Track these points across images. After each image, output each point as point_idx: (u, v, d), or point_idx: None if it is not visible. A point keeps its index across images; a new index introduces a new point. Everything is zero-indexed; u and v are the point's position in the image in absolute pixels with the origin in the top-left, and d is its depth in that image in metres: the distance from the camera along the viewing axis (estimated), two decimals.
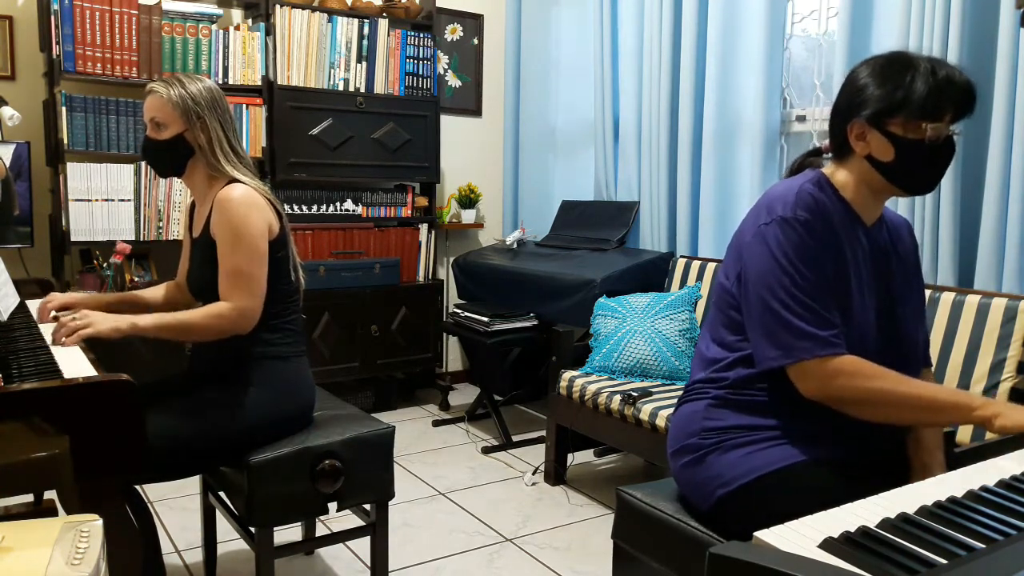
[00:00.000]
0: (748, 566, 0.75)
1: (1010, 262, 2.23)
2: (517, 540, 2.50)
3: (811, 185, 1.39)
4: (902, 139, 1.34)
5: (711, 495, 1.40)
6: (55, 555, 0.89)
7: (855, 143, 1.39)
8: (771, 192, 1.42)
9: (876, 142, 1.37)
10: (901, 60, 1.36)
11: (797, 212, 1.34)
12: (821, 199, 1.37)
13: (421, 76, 3.79)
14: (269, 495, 1.76)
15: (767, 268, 1.35)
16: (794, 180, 1.42)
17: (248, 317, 1.76)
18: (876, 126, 1.36)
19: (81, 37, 2.99)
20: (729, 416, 1.42)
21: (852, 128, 1.39)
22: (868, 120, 1.36)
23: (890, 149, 1.36)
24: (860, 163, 1.40)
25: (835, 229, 1.37)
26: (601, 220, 3.63)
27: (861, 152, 1.39)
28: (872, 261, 1.43)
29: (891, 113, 1.34)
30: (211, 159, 1.83)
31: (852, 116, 1.38)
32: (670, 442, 1.52)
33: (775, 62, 2.94)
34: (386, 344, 3.71)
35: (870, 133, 1.37)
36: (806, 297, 1.31)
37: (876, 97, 1.35)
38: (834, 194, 1.42)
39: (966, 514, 0.93)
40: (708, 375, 1.48)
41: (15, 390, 1.30)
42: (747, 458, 1.37)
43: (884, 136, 1.35)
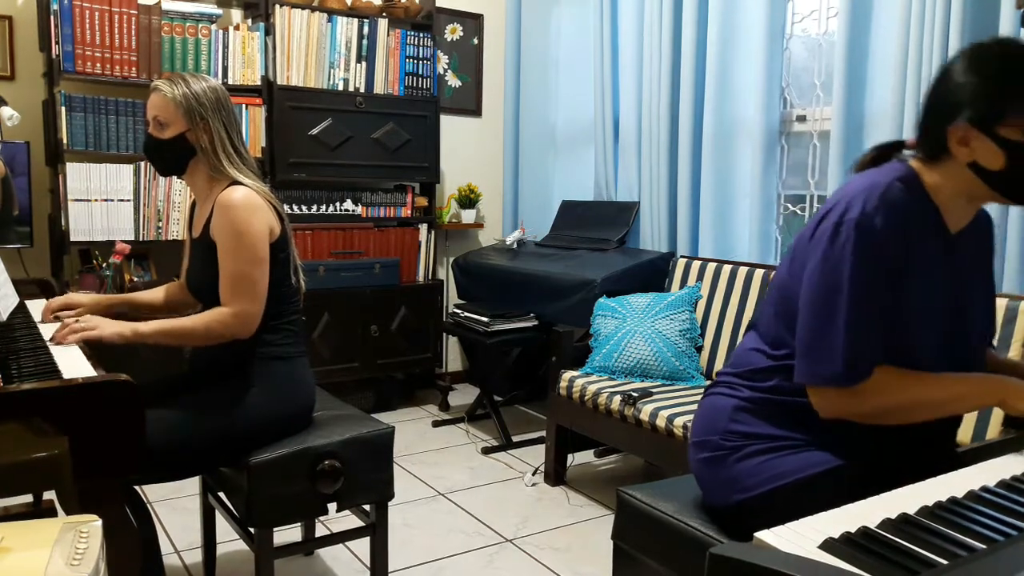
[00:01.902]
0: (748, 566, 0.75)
1: (1010, 262, 2.23)
2: (517, 540, 2.50)
3: (899, 184, 1.26)
4: (1017, 144, 1.19)
5: (729, 497, 1.38)
6: (55, 555, 0.89)
7: (957, 148, 1.24)
8: (853, 185, 1.29)
9: (983, 148, 1.22)
10: (1014, 54, 1.21)
11: (877, 218, 1.21)
12: (907, 203, 1.24)
13: (421, 76, 3.78)
14: (269, 495, 1.76)
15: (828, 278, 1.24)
16: (880, 173, 1.29)
17: (249, 322, 1.76)
18: (984, 130, 1.21)
19: (81, 37, 2.99)
20: (756, 423, 1.38)
21: (954, 132, 1.23)
22: (975, 123, 1.21)
23: (1001, 156, 1.21)
24: (961, 169, 1.26)
25: (913, 243, 1.25)
26: (601, 220, 3.63)
27: (964, 158, 1.24)
28: (951, 272, 1.32)
29: (1002, 116, 1.19)
30: (213, 160, 1.82)
31: (954, 117, 1.23)
32: (694, 430, 1.50)
33: (775, 62, 2.94)
34: (386, 344, 3.71)
35: (976, 138, 1.22)
36: (858, 322, 1.22)
37: (985, 97, 1.20)
38: (923, 195, 1.29)
39: (966, 514, 0.93)
40: (745, 372, 1.42)
41: (15, 390, 1.30)
42: (767, 465, 1.34)
43: (994, 142, 1.20)
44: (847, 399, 1.25)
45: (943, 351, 1.33)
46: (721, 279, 2.89)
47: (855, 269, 1.22)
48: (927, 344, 1.31)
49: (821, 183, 2.98)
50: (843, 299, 1.23)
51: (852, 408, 1.27)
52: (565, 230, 3.77)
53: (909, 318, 1.28)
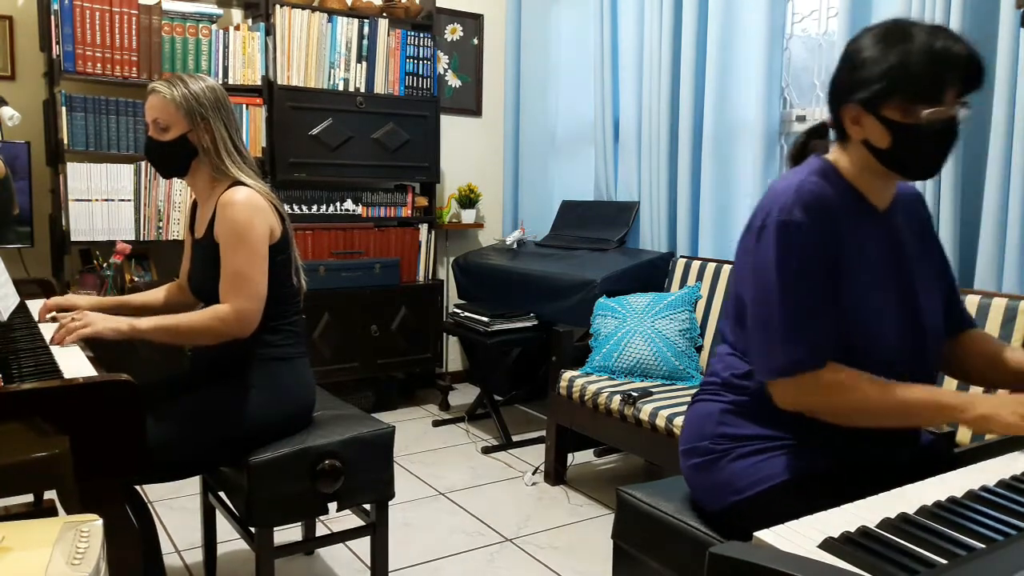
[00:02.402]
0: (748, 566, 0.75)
1: (1010, 262, 2.23)
2: (517, 540, 2.50)
3: (814, 177, 1.31)
4: (898, 124, 1.25)
5: (722, 500, 1.39)
6: (55, 555, 0.89)
7: (850, 127, 1.31)
8: (772, 189, 1.34)
9: (871, 127, 1.28)
10: (897, 34, 1.24)
11: (794, 214, 1.26)
12: (824, 194, 1.29)
13: (421, 76, 3.79)
14: (269, 495, 1.76)
15: (761, 273, 1.29)
16: (796, 174, 1.34)
17: (247, 321, 1.76)
18: (870, 111, 1.26)
19: (81, 37, 2.99)
20: (744, 425, 1.39)
21: (846, 112, 1.30)
22: (862, 104, 1.27)
23: (886, 135, 1.27)
24: (859, 147, 1.32)
25: (840, 228, 1.29)
26: (601, 220, 3.63)
27: (857, 137, 1.31)
28: (888, 249, 1.35)
29: (885, 97, 1.24)
30: (215, 160, 1.82)
31: (846, 99, 1.29)
32: (682, 439, 1.50)
33: (775, 62, 2.94)
34: (386, 344, 3.71)
35: (864, 118, 1.28)
36: (796, 310, 1.25)
37: (869, 79, 1.25)
38: (841, 182, 1.34)
39: (966, 514, 0.93)
40: (726, 378, 1.44)
41: (15, 390, 1.30)
42: (759, 466, 1.35)
43: (879, 121, 1.26)
44: (800, 389, 1.27)
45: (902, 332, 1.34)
46: (721, 279, 2.89)
47: (781, 262, 1.26)
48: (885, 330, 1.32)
49: None
50: (776, 294, 1.27)
51: (806, 398, 1.27)
52: (565, 230, 3.77)
53: (860, 303, 1.30)
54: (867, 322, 1.31)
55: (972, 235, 2.36)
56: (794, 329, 1.25)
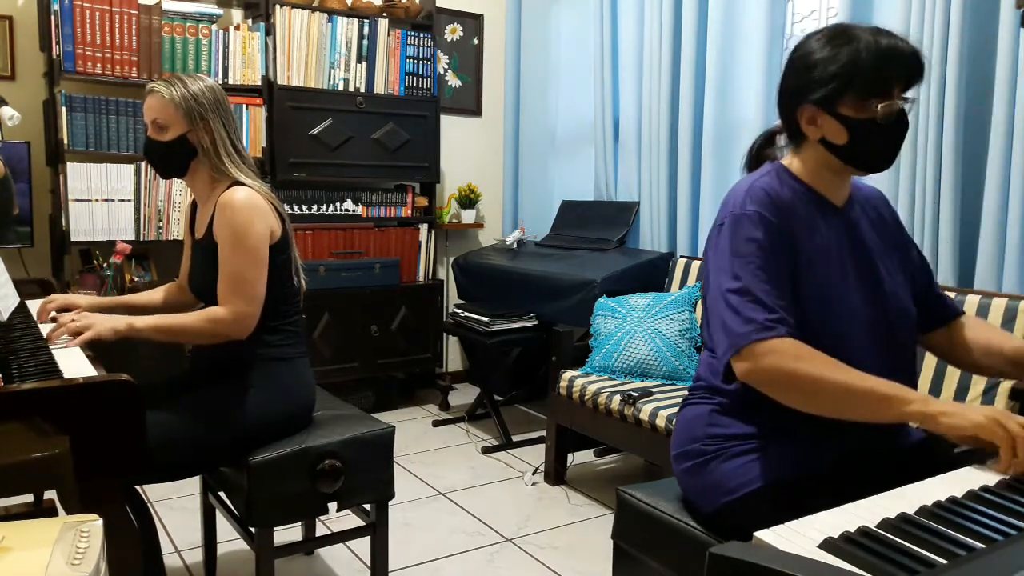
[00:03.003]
0: (748, 566, 0.75)
1: (1010, 262, 2.23)
2: (517, 540, 2.50)
3: (766, 179, 1.37)
4: (854, 120, 1.30)
5: (715, 501, 1.39)
6: (55, 555, 0.89)
7: (807, 128, 1.36)
8: (728, 194, 1.40)
9: (828, 126, 1.33)
10: (843, 35, 1.31)
11: (746, 207, 1.32)
12: (776, 191, 1.34)
13: (421, 76, 3.79)
14: (269, 495, 1.76)
15: (717, 266, 1.33)
16: (747, 179, 1.40)
17: (244, 323, 1.76)
18: (826, 110, 1.32)
19: (81, 37, 2.99)
20: (733, 424, 1.40)
21: (802, 113, 1.35)
22: (817, 104, 1.32)
23: (843, 132, 1.32)
24: (815, 147, 1.37)
25: (793, 218, 1.33)
26: (601, 220, 3.63)
27: (814, 137, 1.35)
28: (848, 242, 1.39)
29: (839, 94, 1.29)
30: (214, 160, 1.82)
31: (801, 101, 1.34)
32: (673, 444, 1.51)
33: (775, 62, 2.94)
34: (386, 344, 3.71)
35: (821, 117, 1.33)
36: (752, 287, 1.27)
37: (821, 79, 1.30)
38: (795, 182, 1.39)
39: (966, 514, 0.93)
40: (711, 383, 1.45)
41: (15, 390, 1.30)
42: (751, 466, 1.35)
43: (836, 119, 1.31)
44: (759, 352, 1.24)
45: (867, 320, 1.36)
46: None
47: (734, 247, 1.31)
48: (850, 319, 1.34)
49: None
50: (730, 276, 1.30)
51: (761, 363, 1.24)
52: (565, 230, 3.77)
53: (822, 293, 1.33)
54: (829, 310, 1.33)
55: (972, 235, 2.36)
56: (750, 301, 1.27)
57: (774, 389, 1.26)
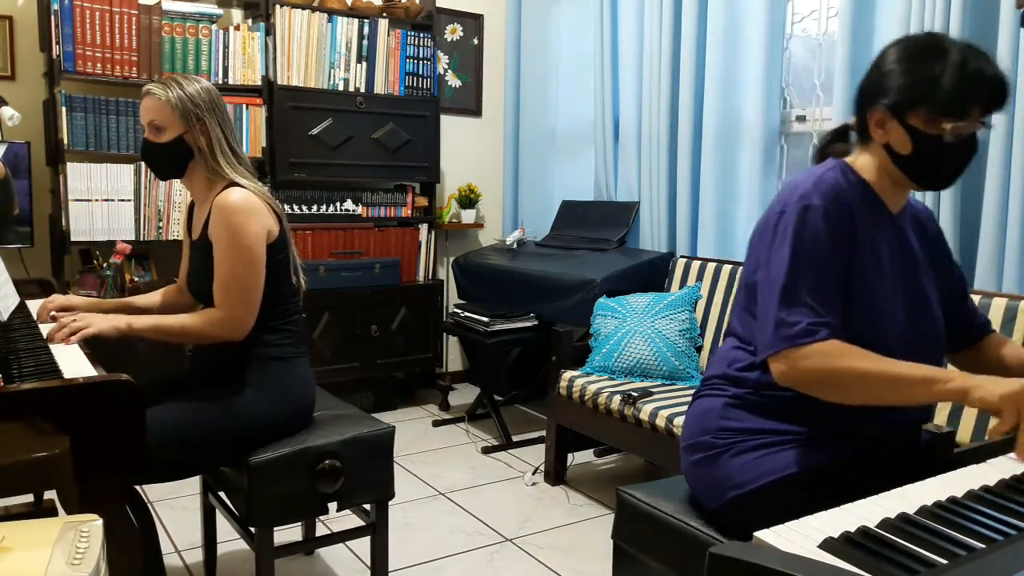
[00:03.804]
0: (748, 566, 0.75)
1: (1010, 262, 2.23)
2: (517, 540, 2.50)
3: (833, 173, 1.36)
4: (922, 133, 1.29)
5: (722, 495, 1.39)
6: (55, 555, 0.89)
7: (874, 130, 1.35)
8: (792, 181, 1.38)
9: (895, 133, 1.33)
10: (932, 47, 1.29)
11: (813, 199, 1.31)
12: (842, 187, 1.34)
13: (421, 76, 3.79)
14: (269, 495, 1.76)
15: (775, 256, 1.32)
16: (814, 168, 1.39)
17: (240, 326, 1.76)
18: (896, 116, 1.31)
19: (81, 37, 2.99)
20: (746, 418, 1.40)
21: (872, 115, 1.34)
22: (888, 109, 1.31)
23: (908, 142, 1.31)
24: (879, 150, 1.37)
25: (855, 218, 1.33)
26: (601, 220, 3.63)
27: (879, 140, 1.35)
28: (899, 248, 1.39)
29: (912, 105, 1.29)
30: (211, 162, 1.82)
31: (874, 102, 1.34)
32: (683, 436, 1.51)
33: (775, 62, 2.94)
34: (386, 344, 3.71)
35: (889, 122, 1.33)
36: (806, 285, 1.27)
37: (899, 86, 1.30)
38: (858, 181, 1.38)
39: (966, 514, 0.93)
40: (728, 372, 1.44)
41: (15, 390, 1.30)
42: (761, 461, 1.35)
43: (903, 128, 1.31)
44: (801, 362, 1.26)
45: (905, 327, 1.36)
46: (721, 279, 2.89)
47: (796, 241, 1.30)
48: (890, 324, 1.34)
49: None
50: (787, 270, 1.29)
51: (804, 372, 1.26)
52: (565, 230, 3.77)
53: (869, 293, 1.33)
54: (874, 314, 1.33)
55: (972, 235, 2.36)
56: (799, 304, 1.27)
57: (812, 389, 1.29)
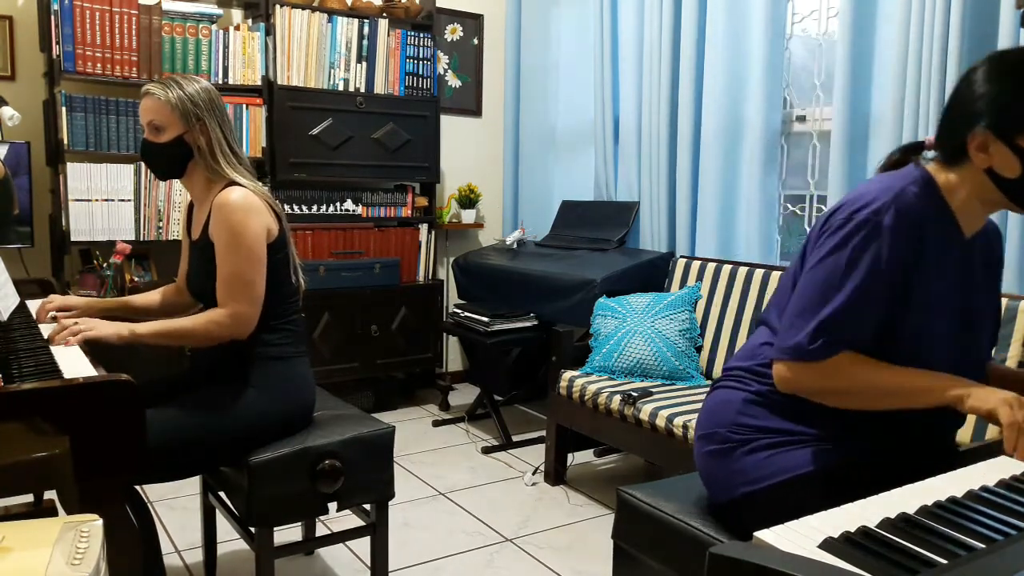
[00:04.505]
0: (748, 566, 0.75)
1: (1010, 262, 2.23)
2: (517, 540, 2.50)
3: (915, 187, 1.29)
4: None
5: (733, 490, 1.38)
6: (55, 555, 0.89)
7: (975, 154, 1.26)
8: (868, 185, 1.32)
9: (1001, 156, 1.24)
10: None
11: (886, 218, 1.25)
12: (920, 205, 1.28)
13: (421, 76, 3.79)
14: (269, 495, 1.76)
15: (831, 262, 1.28)
16: (896, 177, 1.32)
17: (245, 323, 1.76)
18: (1003, 138, 1.23)
19: (81, 37, 2.99)
20: (765, 416, 1.39)
21: (973, 137, 1.25)
22: (994, 131, 1.23)
23: (1018, 165, 1.23)
24: (977, 174, 1.28)
25: (924, 244, 1.27)
26: (601, 220, 3.63)
27: (981, 164, 1.26)
28: (962, 276, 1.34)
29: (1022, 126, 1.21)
30: (210, 161, 1.82)
31: (975, 123, 1.25)
32: (699, 424, 1.50)
33: (775, 62, 2.94)
34: (386, 344, 3.71)
35: (994, 145, 1.24)
36: (844, 305, 1.25)
37: (1005, 106, 1.22)
38: (938, 199, 1.31)
39: (966, 514, 0.93)
40: (753, 366, 1.43)
41: (15, 390, 1.30)
42: (775, 459, 1.35)
43: (1012, 150, 1.23)
44: (807, 372, 1.28)
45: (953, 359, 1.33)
46: (721, 279, 2.89)
47: (852, 261, 1.27)
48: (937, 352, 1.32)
49: (821, 183, 2.98)
50: (836, 281, 1.27)
51: (809, 383, 1.30)
52: (565, 230, 3.77)
53: (922, 320, 1.30)
54: (920, 341, 1.31)
55: None
56: (831, 324, 1.26)
57: (812, 397, 1.31)
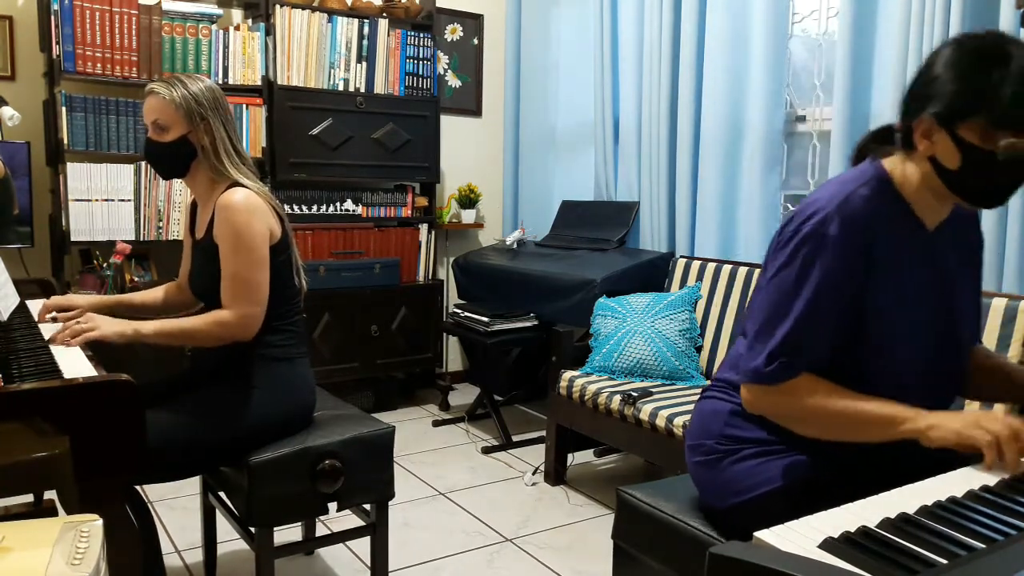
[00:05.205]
0: (748, 566, 0.75)
1: (1010, 262, 2.23)
2: (517, 540, 2.50)
3: (864, 190, 1.26)
4: (973, 147, 1.16)
5: (724, 499, 1.39)
6: (55, 555, 0.89)
7: (919, 140, 1.22)
8: (818, 192, 1.29)
9: (943, 145, 1.20)
10: (993, 53, 1.16)
11: (831, 227, 1.22)
12: (870, 207, 1.24)
13: (421, 76, 3.79)
14: (269, 495, 1.76)
15: (780, 280, 1.26)
16: (845, 181, 1.29)
17: (250, 324, 1.76)
18: (945, 127, 1.18)
19: (81, 37, 2.99)
20: (750, 428, 1.38)
21: (919, 124, 1.21)
22: (937, 118, 1.19)
23: (957, 156, 1.18)
24: (923, 162, 1.24)
25: (877, 240, 1.24)
26: (601, 220, 3.63)
27: (924, 151, 1.22)
28: (930, 269, 1.30)
29: (965, 116, 1.16)
30: (214, 161, 1.82)
31: (923, 109, 1.20)
32: (689, 433, 1.51)
33: (776, 62, 2.94)
34: (386, 344, 3.71)
35: (937, 133, 1.19)
36: (798, 324, 1.23)
37: (951, 93, 1.17)
38: (892, 195, 1.28)
39: (966, 514, 0.93)
40: (734, 379, 1.42)
41: (15, 390, 1.30)
42: (759, 469, 1.35)
43: (952, 140, 1.18)
44: (768, 397, 1.28)
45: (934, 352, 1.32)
46: (721, 279, 2.89)
47: (801, 276, 1.24)
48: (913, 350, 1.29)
49: (821, 183, 2.98)
50: (786, 304, 1.25)
51: (769, 407, 1.29)
52: (565, 230, 3.77)
53: (886, 322, 1.27)
54: (892, 338, 1.28)
55: None
56: (787, 344, 1.25)
57: (778, 421, 1.31)
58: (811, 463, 1.32)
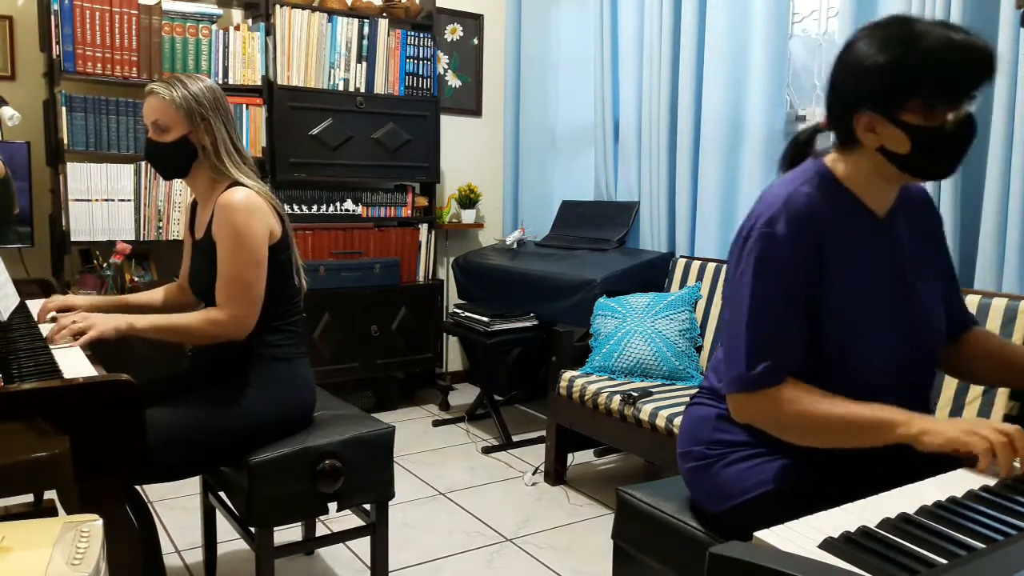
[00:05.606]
0: (748, 566, 0.75)
1: (1010, 262, 2.23)
2: (517, 540, 2.50)
3: (806, 188, 1.28)
4: (918, 128, 1.18)
5: (719, 503, 1.39)
6: (55, 555, 0.89)
7: (864, 135, 1.24)
8: (763, 197, 1.32)
9: (889, 134, 1.21)
10: (904, 36, 1.17)
11: (777, 227, 1.24)
12: (814, 206, 1.26)
13: (421, 76, 3.79)
14: (269, 495, 1.76)
15: (739, 287, 1.28)
16: (788, 181, 1.31)
17: (243, 325, 1.76)
18: (888, 117, 1.20)
19: (81, 37, 2.99)
20: (738, 432, 1.39)
21: (859, 120, 1.23)
22: (877, 111, 1.20)
23: (906, 141, 1.20)
24: (871, 155, 1.26)
25: (827, 234, 1.26)
26: (601, 220, 3.63)
27: (872, 144, 1.24)
28: (886, 256, 1.31)
29: (902, 102, 1.18)
30: (215, 161, 1.82)
31: (858, 106, 1.22)
32: (679, 441, 1.51)
33: (776, 62, 2.94)
34: (386, 344, 3.71)
35: (881, 125, 1.21)
36: (764, 326, 1.24)
37: (884, 84, 1.18)
38: (837, 189, 1.30)
39: (966, 514, 0.93)
40: (717, 387, 1.43)
41: (15, 390, 1.30)
42: (750, 472, 1.35)
43: (898, 127, 1.20)
44: (755, 404, 1.27)
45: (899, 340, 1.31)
46: (721, 279, 2.89)
47: (758, 275, 1.25)
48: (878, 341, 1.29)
49: None
50: (746, 307, 1.26)
51: (758, 414, 1.29)
52: (565, 230, 3.77)
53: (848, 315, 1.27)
54: (855, 335, 1.28)
55: (972, 235, 2.35)
56: (759, 346, 1.25)
57: (768, 430, 1.30)
58: (800, 465, 1.32)
